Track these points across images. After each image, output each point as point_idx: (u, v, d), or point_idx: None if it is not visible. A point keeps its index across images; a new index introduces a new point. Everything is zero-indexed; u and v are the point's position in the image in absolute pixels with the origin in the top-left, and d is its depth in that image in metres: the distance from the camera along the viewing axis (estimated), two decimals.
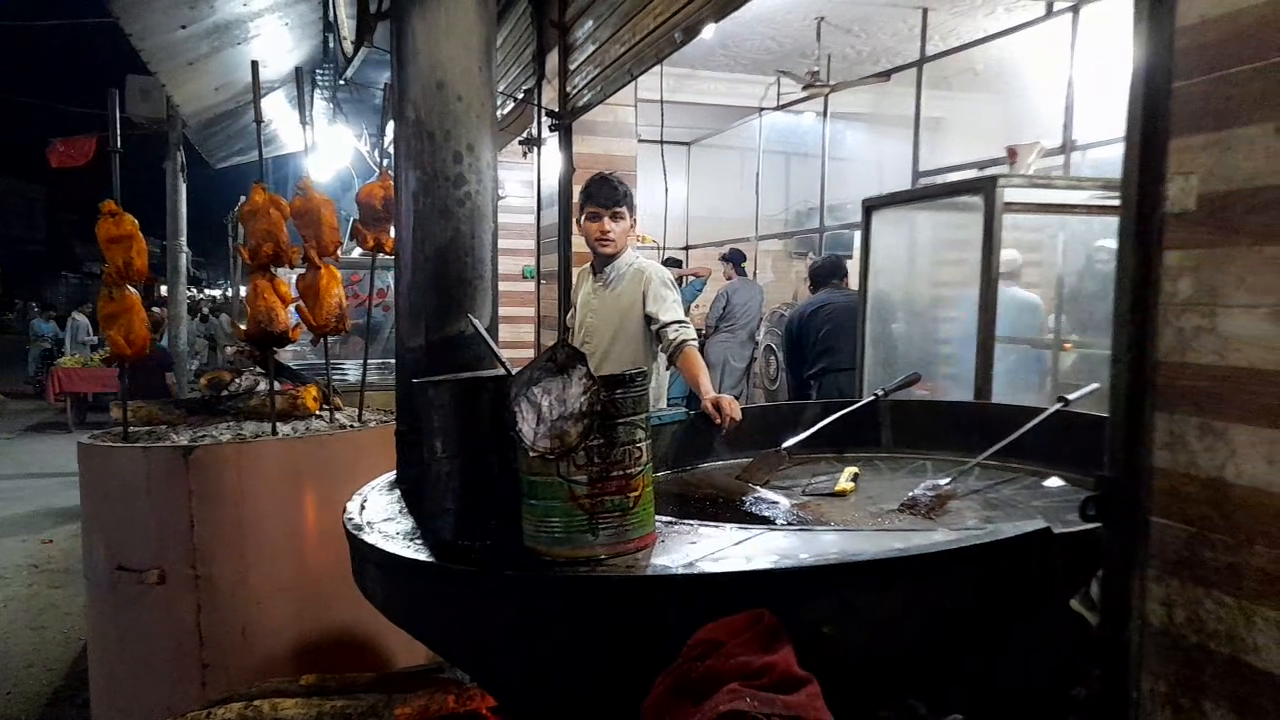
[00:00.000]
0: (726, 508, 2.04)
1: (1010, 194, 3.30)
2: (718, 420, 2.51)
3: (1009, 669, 1.21)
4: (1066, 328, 4.99)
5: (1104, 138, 5.10)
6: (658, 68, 3.83)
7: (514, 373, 1.28)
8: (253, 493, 2.38)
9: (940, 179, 6.05)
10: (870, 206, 4.00)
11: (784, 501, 2.05)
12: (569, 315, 3.38)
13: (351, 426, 2.75)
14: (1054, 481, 2.08)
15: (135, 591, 2.32)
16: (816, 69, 6.60)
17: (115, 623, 2.44)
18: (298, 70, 2.95)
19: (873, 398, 2.56)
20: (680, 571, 1.13)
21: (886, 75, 6.72)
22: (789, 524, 1.85)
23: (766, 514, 1.96)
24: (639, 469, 1.23)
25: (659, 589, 1.15)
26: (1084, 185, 3.74)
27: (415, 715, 1.63)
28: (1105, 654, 1.14)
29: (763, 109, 8.55)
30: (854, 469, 2.25)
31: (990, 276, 3.19)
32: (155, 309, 10.72)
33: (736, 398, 2.72)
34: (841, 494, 2.08)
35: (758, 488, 2.20)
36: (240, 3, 5.51)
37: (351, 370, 5.23)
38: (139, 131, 8.21)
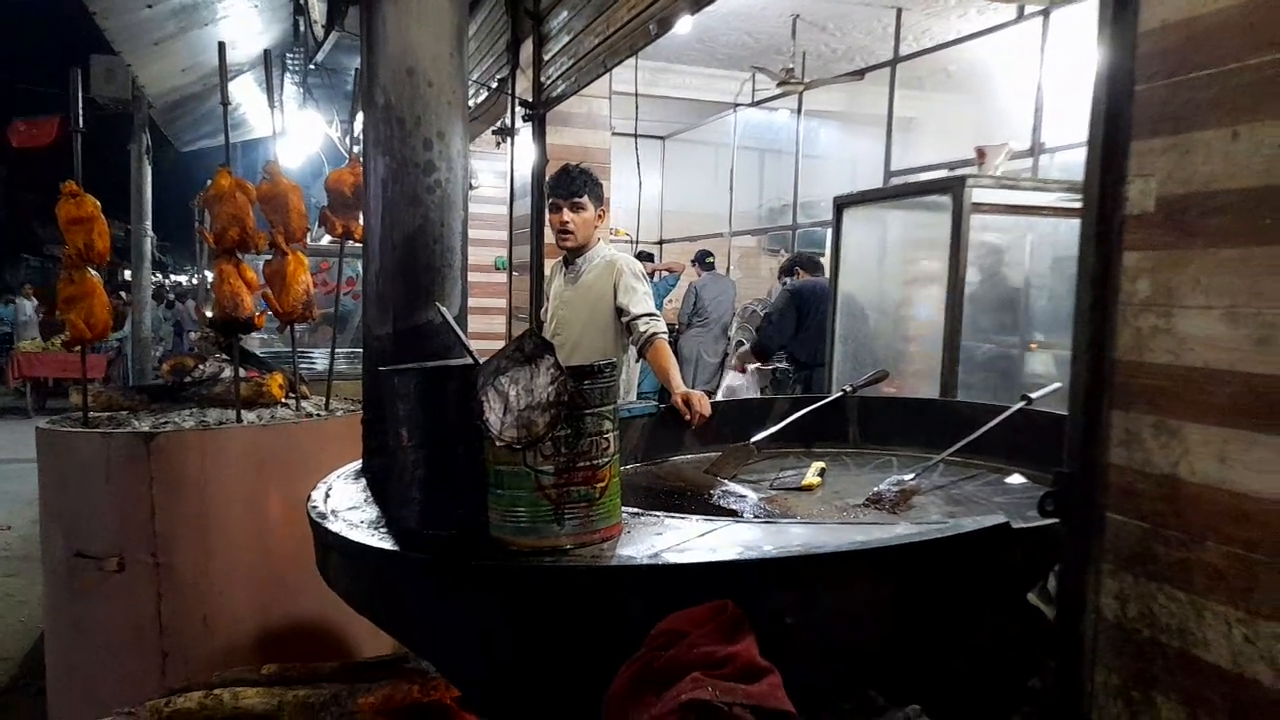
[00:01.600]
0: (694, 500, 2.05)
1: (979, 194, 3.34)
2: (687, 415, 2.52)
3: (967, 661, 1.23)
4: (1033, 328, 5.06)
5: (1071, 141, 5.18)
6: (632, 60, 3.83)
7: (481, 362, 1.27)
8: (216, 480, 2.35)
9: (912, 178, 6.11)
10: (841, 204, 4.03)
11: (751, 495, 2.06)
12: (543, 309, 3.36)
13: (318, 415, 2.72)
14: (1016, 478, 2.12)
15: (94, 579, 2.28)
16: (791, 66, 6.63)
17: (73, 610, 2.39)
18: (266, 53, 2.91)
19: (840, 393, 2.59)
20: (645, 562, 1.14)
21: (860, 74, 6.77)
22: (755, 517, 1.86)
23: (734, 507, 1.97)
24: (606, 460, 1.23)
25: (623, 579, 1.16)
26: (1050, 187, 3.80)
27: (379, 705, 1.62)
28: (1061, 647, 1.16)
29: (737, 105, 8.57)
30: (821, 464, 2.27)
31: (958, 275, 3.23)
32: (122, 294, 10.52)
33: (711, 393, 2.73)
34: (808, 488, 2.10)
35: (726, 481, 2.21)
36: None
37: (319, 359, 5.17)
38: (103, 112, 8.03)
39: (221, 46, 2.60)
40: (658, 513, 1.34)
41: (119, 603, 2.30)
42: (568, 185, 2.96)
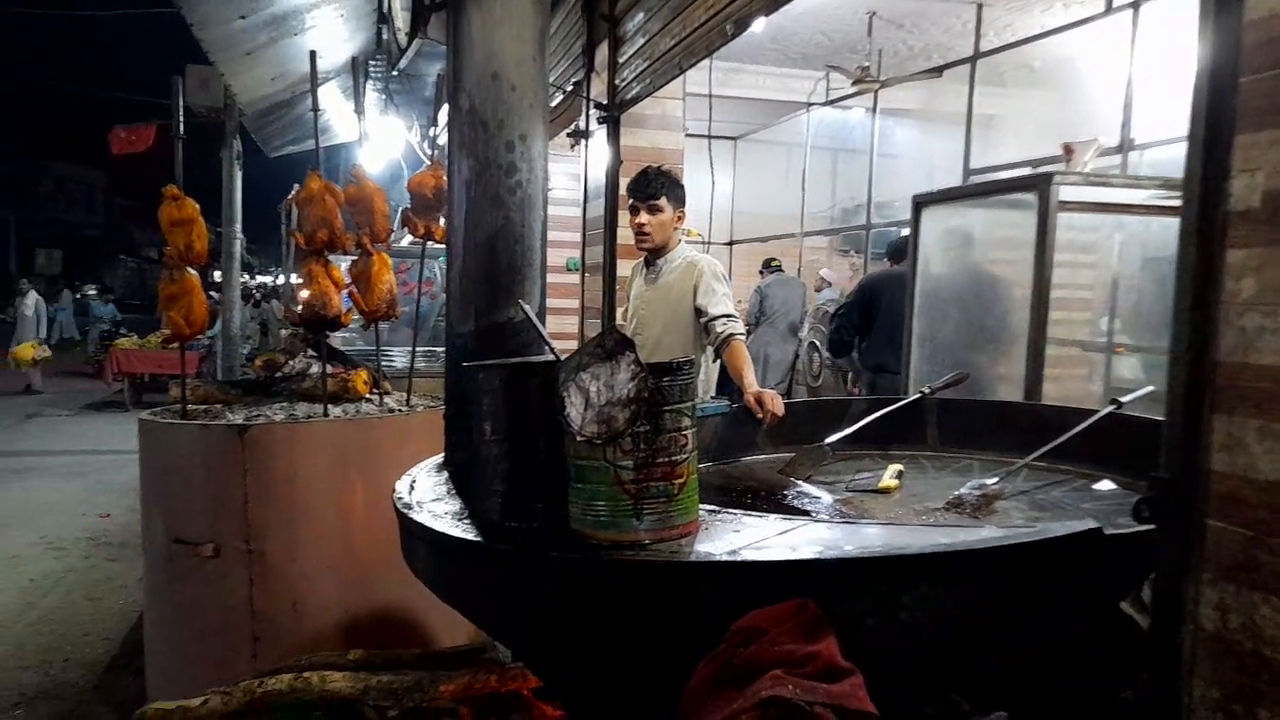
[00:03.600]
0: (768, 501, 2.04)
1: (1066, 192, 3.24)
2: (759, 414, 2.51)
3: (1057, 670, 1.20)
4: (1120, 330, 4.88)
5: (1163, 137, 4.97)
6: (706, 61, 3.83)
7: (563, 359, 1.30)
8: (304, 472, 2.44)
9: (992, 177, 5.95)
10: (920, 203, 3.95)
11: (826, 496, 2.04)
12: (622, 309, 3.39)
13: (399, 411, 2.80)
14: (1105, 485, 2.05)
15: (191, 564, 2.39)
16: (867, 64, 6.53)
17: (171, 594, 2.52)
18: (354, 60, 3.01)
19: (918, 395, 2.54)
20: (724, 558, 1.14)
21: (939, 71, 6.63)
22: (831, 518, 1.84)
23: (808, 508, 1.96)
24: (684, 456, 1.24)
25: (702, 575, 1.16)
26: (1143, 184, 3.66)
27: (458, 692, 1.66)
28: (1156, 658, 1.13)
29: (810, 104, 8.48)
30: (898, 466, 2.23)
31: (1044, 275, 3.14)
32: (213, 294, 10.99)
33: (784, 394, 2.71)
34: (885, 491, 2.06)
35: (800, 482, 2.19)
36: None
37: (397, 357, 5.31)
38: (197, 120, 8.39)
39: (313, 55, 2.70)
40: (735, 510, 1.34)
41: (214, 588, 2.41)
42: (645, 188, 2.98)
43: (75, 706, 3.32)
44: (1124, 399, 2.18)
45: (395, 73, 6.35)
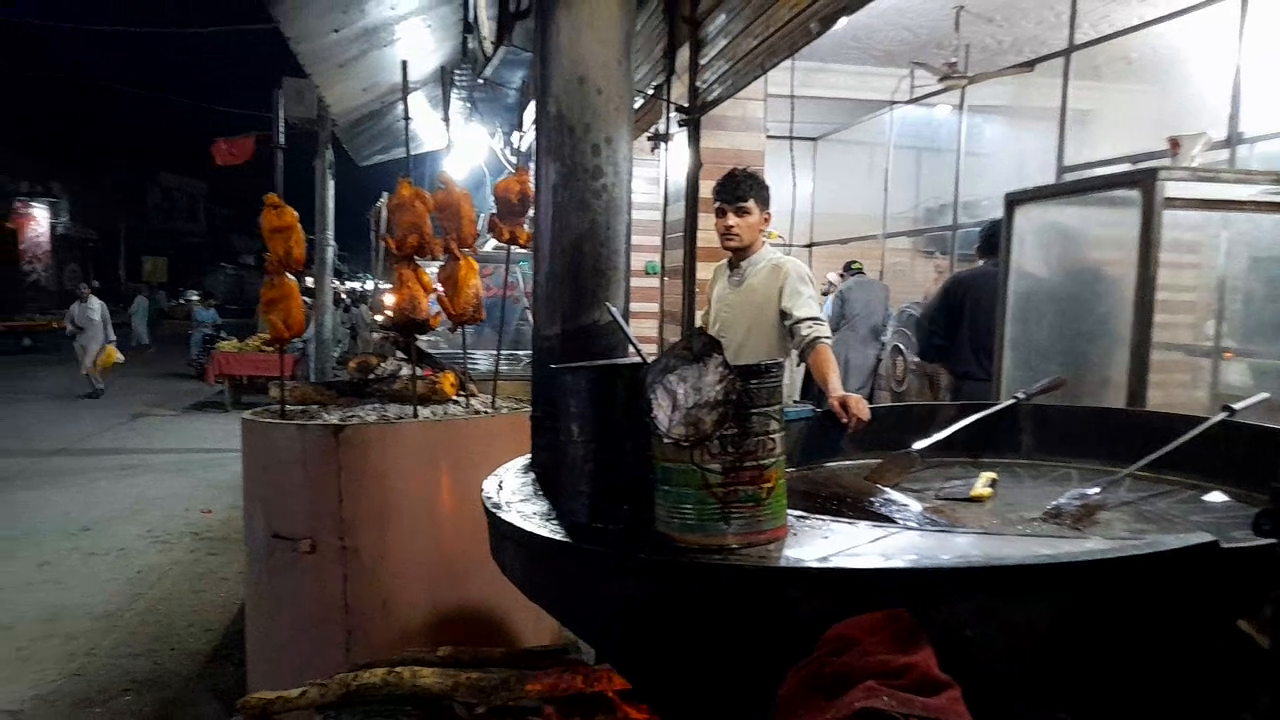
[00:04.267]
0: (853, 507, 2.00)
1: (1172, 188, 3.08)
2: (844, 419, 2.46)
3: (1167, 690, 1.14)
4: (1226, 334, 4.62)
5: (1276, 130, 4.70)
6: (788, 62, 3.79)
7: (649, 360, 1.30)
8: (394, 471, 2.51)
9: (1088, 174, 5.72)
10: (1014, 201, 3.81)
11: (915, 505, 1.99)
12: (702, 312, 3.38)
13: (485, 412, 2.85)
14: (1216, 496, 1.94)
15: (289, 559, 2.49)
16: (954, 60, 6.37)
17: (270, 587, 2.62)
18: (442, 70, 3.09)
19: (1012, 400, 2.45)
20: (815, 565, 1.12)
21: (1030, 65, 6.41)
22: (921, 527, 1.80)
23: (896, 516, 1.91)
24: (772, 460, 1.23)
25: (792, 581, 1.15)
26: (1256, 179, 3.45)
27: (545, 692, 1.68)
28: (1277, 679, 1.06)
29: (894, 102, 8.31)
30: (991, 474, 2.16)
31: (1148, 275, 2.99)
32: (306, 299, 11.42)
33: (867, 399, 2.66)
34: (978, 499, 2.00)
35: (887, 489, 2.15)
36: (388, 6, 5.80)
37: (480, 360, 5.42)
38: (292, 130, 8.76)
39: (404, 65, 2.79)
40: (824, 516, 1.32)
41: (310, 582, 2.50)
42: (733, 190, 2.98)
43: (180, 694, 3.49)
44: (1236, 406, 2.06)
45: (481, 81, 6.49)
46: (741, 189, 2.97)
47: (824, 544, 1.21)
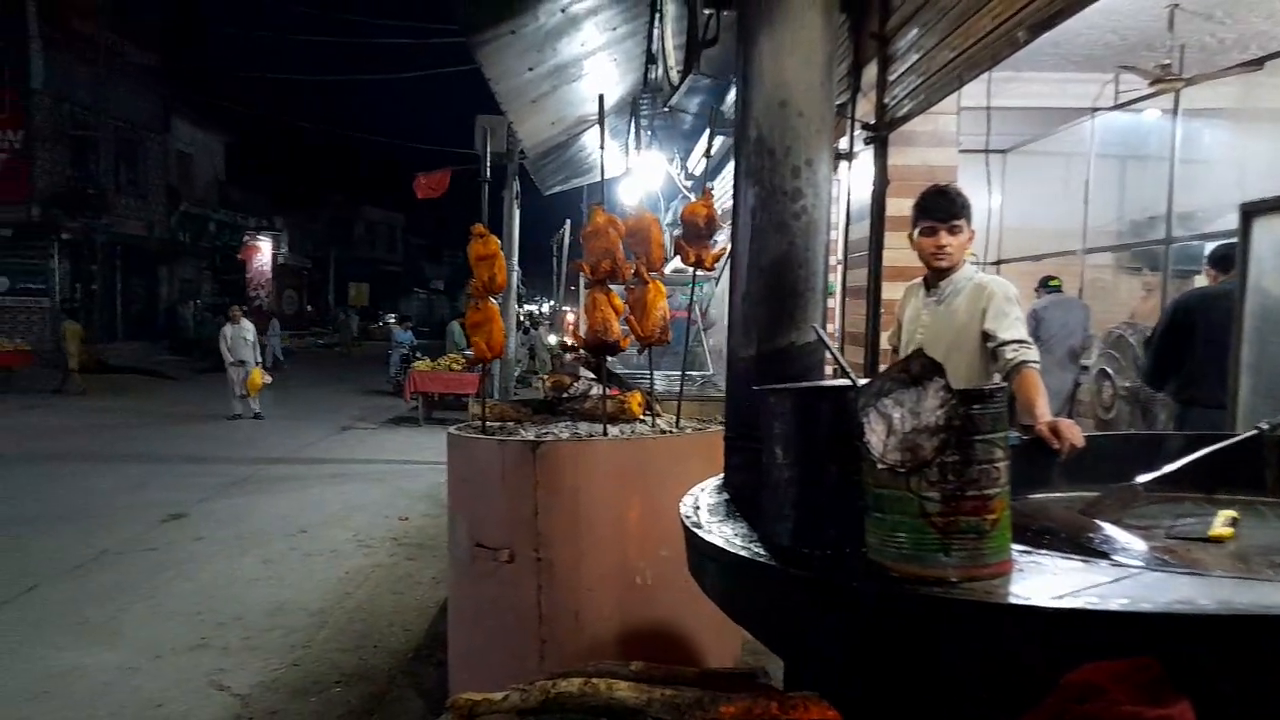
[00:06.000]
0: (1069, 543, 1.86)
1: None
2: (1056, 445, 2.30)
3: None
4: None
5: None
6: (981, 75, 3.60)
7: (861, 383, 1.27)
8: (586, 487, 2.59)
9: None
10: (1251, 211, 3.44)
11: (1139, 543, 1.83)
12: (889, 333, 3.28)
13: (671, 432, 2.89)
14: None
15: (489, 567, 2.62)
16: (1168, 61, 5.86)
17: (472, 593, 2.77)
18: (633, 101, 3.19)
19: (1254, 431, 2.21)
20: (1049, 605, 1.05)
21: (1259, 63, 5.79)
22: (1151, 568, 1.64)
23: (1119, 555, 1.76)
24: (996, 490, 1.17)
25: (1021, 620, 1.08)
26: None
27: (739, 714, 1.66)
28: None
29: (1096, 109, 7.74)
30: (1231, 513, 1.95)
31: None
32: None
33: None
34: (1217, 540, 1.81)
35: (1105, 525, 1.98)
36: (579, 43, 6.07)
37: (659, 380, 5.50)
38: (488, 164, 9.34)
39: (601, 99, 2.90)
40: (1053, 551, 1.24)
41: (508, 591, 2.62)
42: (947, 208, 2.86)
43: (385, 689, 3.74)
44: None
45: (666, 109, 6.67)
46: (955, 206, 2.85)
47: (1053, 581, 1.13)
